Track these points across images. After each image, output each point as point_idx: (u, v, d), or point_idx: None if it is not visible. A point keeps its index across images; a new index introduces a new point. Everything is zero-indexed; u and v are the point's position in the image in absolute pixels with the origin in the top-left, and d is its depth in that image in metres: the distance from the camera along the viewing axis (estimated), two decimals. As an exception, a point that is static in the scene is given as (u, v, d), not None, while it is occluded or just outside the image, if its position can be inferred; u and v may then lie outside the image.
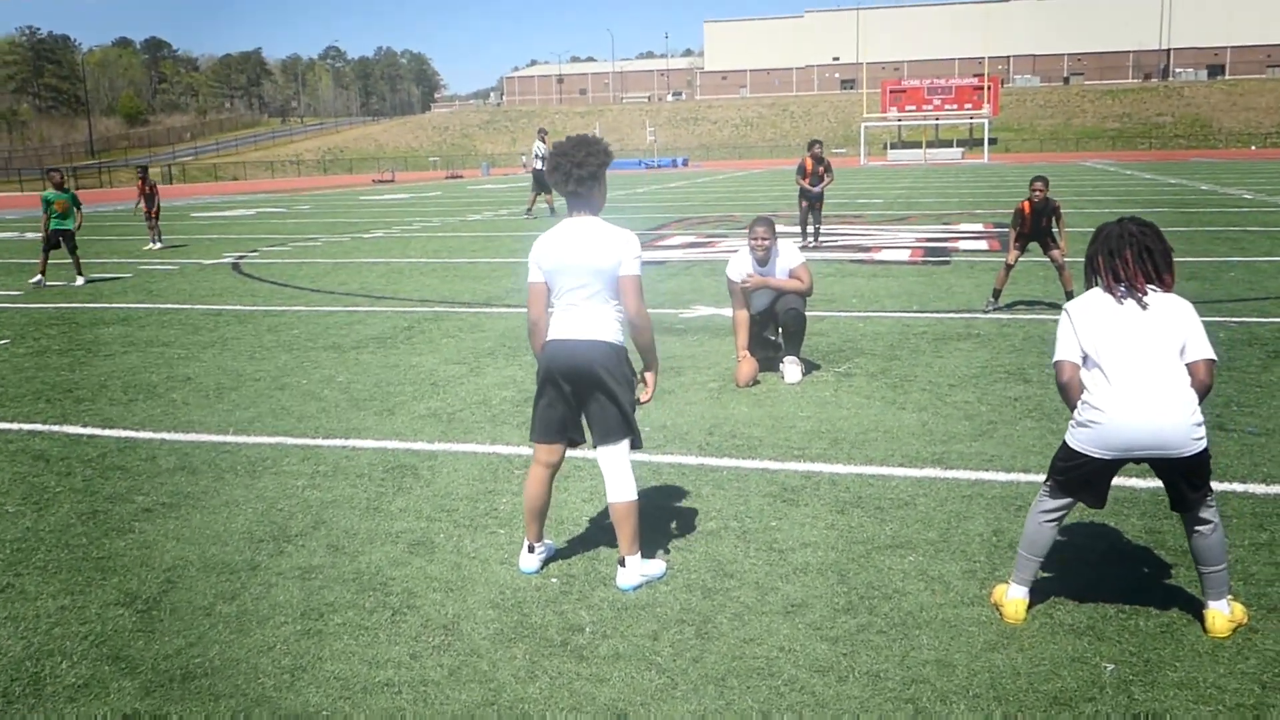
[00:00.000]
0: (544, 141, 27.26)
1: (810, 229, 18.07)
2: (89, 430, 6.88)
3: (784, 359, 7.81)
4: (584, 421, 4.38)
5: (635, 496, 4.27)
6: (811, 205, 17.92)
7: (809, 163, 17.63)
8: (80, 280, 15.16)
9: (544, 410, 4.33)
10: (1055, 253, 10.72)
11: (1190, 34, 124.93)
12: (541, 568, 4.44)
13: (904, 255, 16.09)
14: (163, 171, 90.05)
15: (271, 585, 4.32)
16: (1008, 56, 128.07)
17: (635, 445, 4.31)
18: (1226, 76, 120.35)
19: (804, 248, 16.48)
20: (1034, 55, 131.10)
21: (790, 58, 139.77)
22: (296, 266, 16.85)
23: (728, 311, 10.69)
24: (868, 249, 17.05)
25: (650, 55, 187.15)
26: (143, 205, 21.65)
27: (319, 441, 6.47)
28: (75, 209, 15.90)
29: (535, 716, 3.28)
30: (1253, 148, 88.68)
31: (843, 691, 3.37)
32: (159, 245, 20.83)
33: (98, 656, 3.73)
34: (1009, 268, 10.83)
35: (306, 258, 18.26)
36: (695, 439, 6.28)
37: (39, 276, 15.14)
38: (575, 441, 4.41)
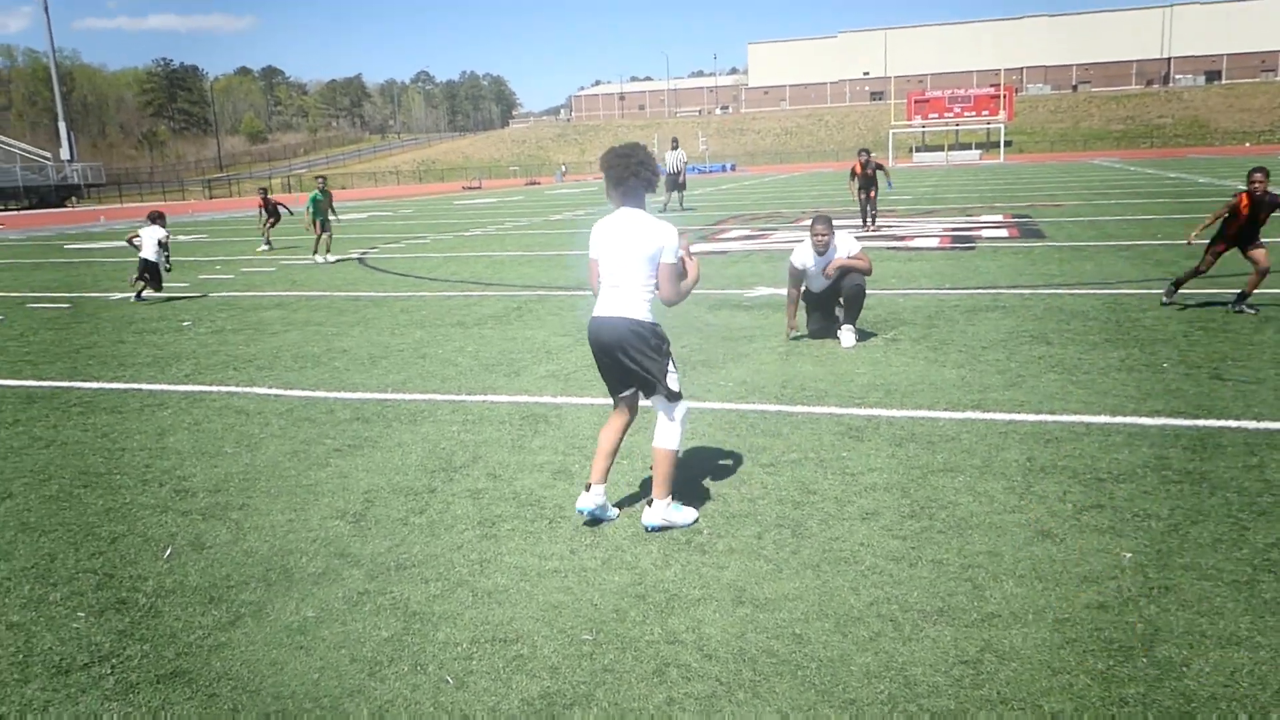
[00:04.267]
0: (675, 149, 27.84)
1: (869, 216, 19.44)
2: (274, 391, 7.42)
3: (841, 327, 8.17)
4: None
5: (674, 447, 4.33)
6: (869, 197, 19.24)
7: (858, 166, 18.88)
8: (327, 259, 17.64)
9: (601, 374, 4.50)
10: (1258, 252, 8.65)
11: (1190, 43, 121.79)
12: (593, 510, 4.36)
13: (934, 243, 16.28)
14: (281, 183, 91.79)
15: (450, 503, 4.81)
16: (1021, 68, 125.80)
17: (673, 399, 4.36)
18: (1224, 81, 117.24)
19: (860, 233, 17.65)
20: (1045, 66, 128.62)
21: (825, 73, 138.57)
22: (412, 260, 17.44)
23: (785, 291, 11.08)
24: (901, 238, 17.26)
25: (700, 74, 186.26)
26: (266, 216, 22.05)
27: (462, 397, 6.95)
28: (328, 208, 18.21)
29: (674, 592, 3.73)
30: (1248, 144, 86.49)
31: (913, 574, 3.77)
32: (267, 249, 21.43)
33: (327, 554, 4.24)
34: (1215, 259, 8.86)
35: (419, 253, 18.86)
36: (771, 391, 6.69)
37: (326, 256, 17.87)
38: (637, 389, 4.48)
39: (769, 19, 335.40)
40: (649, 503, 4.41)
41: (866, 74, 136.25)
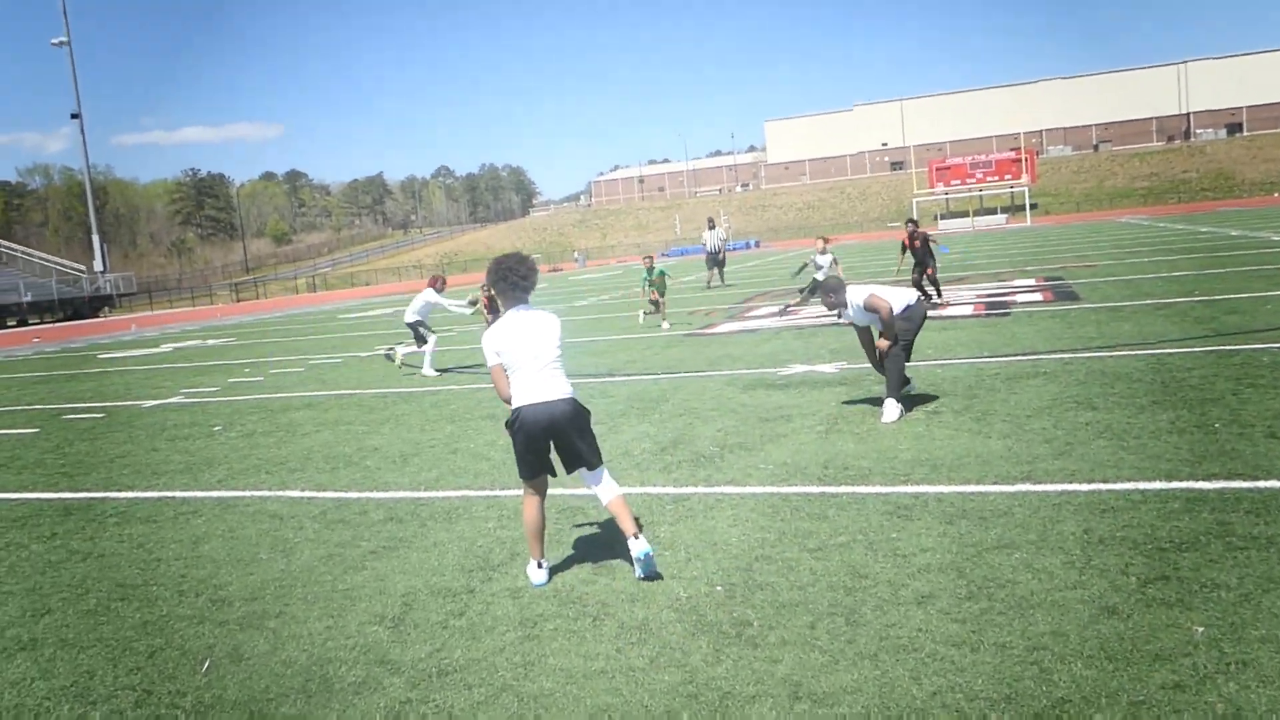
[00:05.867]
0: (713, 229, 29.17)
1: (935, 289, 18.59)
2: (307, 494, 7.42)
3: (884, 401, 8.10)
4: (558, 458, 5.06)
5: (621, 490, 5.03)
6: (925, 274, 18.30)
7: (906, 238, 18.61)
8: (665, 325, 18.13)
9: (525, 456, 4.94)
10: None
11: (1208, 98, 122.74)
12: (549, 580, 4.96)
13: (968, 310, 16.23)
14: (307, 282, 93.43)
15: (490, 603, 4.74)
16: (1040, 130, 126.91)
17: (600, 464, 5.02)
18: (1245, 133, 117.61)
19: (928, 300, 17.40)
20: (1064, 128, 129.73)
21: (844, 146, 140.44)
22: (441, 353, 17.54)
23: (820, 368, 11.10)
24: (934, 307, 17.20)
25: (719, 153, 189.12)
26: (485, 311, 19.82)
27: (497, 492, 6.91)
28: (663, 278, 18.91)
29: (727, 690, 3.62)
30: (1276, 195, 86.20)
31: (977, 659, 3.65)
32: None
33: (367, 661, 4.17)
34: None
35: (447, 346, 19.01)
36: (813, 472, 6.60)
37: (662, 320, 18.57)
38: (552, 473, 5.06)
39: (783, 96, 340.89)
40: (635, 536, 4.75)
41: (885, 145, 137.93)
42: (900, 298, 8.27)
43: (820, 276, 16.52)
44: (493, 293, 18.61)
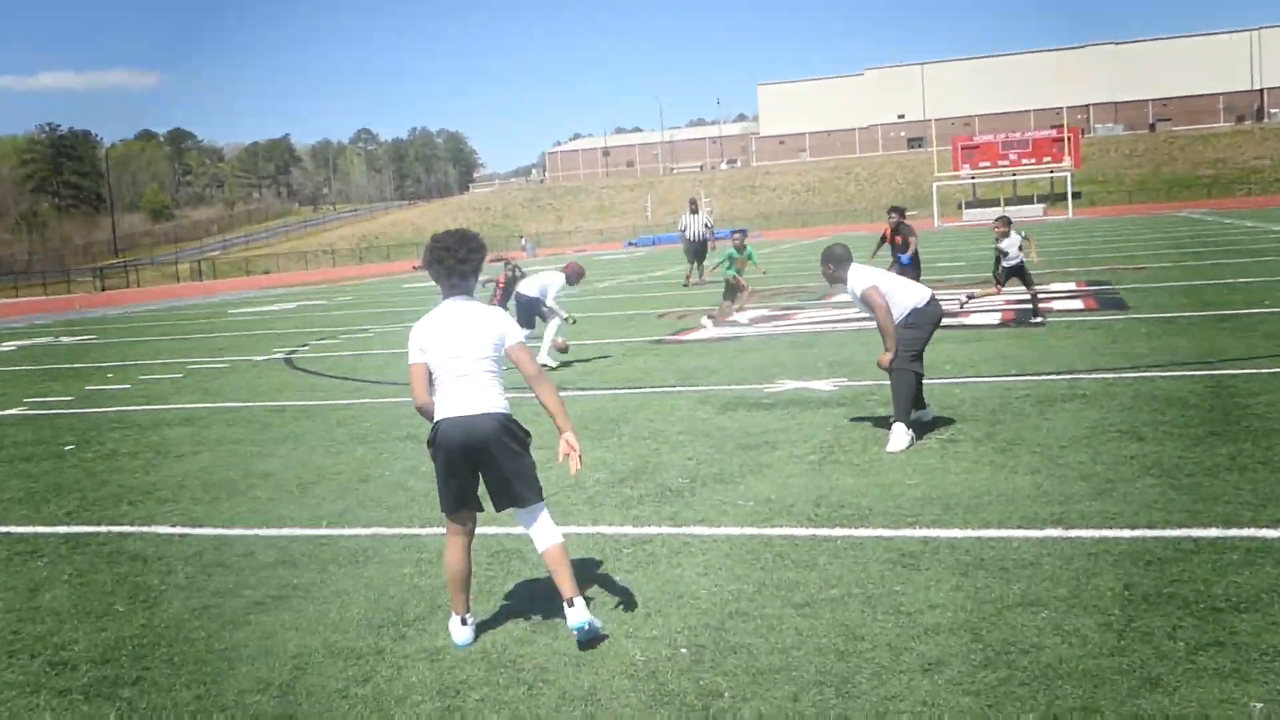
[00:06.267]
0: (695, 213, 29.70)
1: None
2: (179, 530, 7.34)
3: (890, 426, 8.15)
4: (485, 489, 5.00)
5: (562, 539, 4.91)
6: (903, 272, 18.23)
7: (888, 230, 18.37)
8: (744, 317, 18.53)
9: (446, 484, 4.92)
10: None
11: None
12: (475, 638, 4.90)
13: (994, 318, 16.44)
14: (191, 268, 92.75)
15: (401, 667, 4.71)
16: (1087, 105, 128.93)
17: (539, 499, 4.94)
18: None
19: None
20: (1115, 103, 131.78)
21: (852, 118, 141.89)
22: (354, 359, 17.52)
23: (814, 384, 11.19)
24: (955, 314, 17.37)
25: (701, 122, 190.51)
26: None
27: (416, 530, 6.88)
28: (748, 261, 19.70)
29: (688, 775, 3.62)
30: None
31: (992, 741, 3.68)
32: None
33: (246, 737, 4.13)
34: None
35: (362, 350, 18.96)
36: (803, 510, 6.64)
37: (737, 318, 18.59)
38: (478, 509, 5.04)
39: (781, 55, 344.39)
40: (569, 604, 4.71)
41: (902, 117, 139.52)
42: (908, 296, 8.36)
43: (1009, 264, 16.77)
44: (511, 275, 17.85)
